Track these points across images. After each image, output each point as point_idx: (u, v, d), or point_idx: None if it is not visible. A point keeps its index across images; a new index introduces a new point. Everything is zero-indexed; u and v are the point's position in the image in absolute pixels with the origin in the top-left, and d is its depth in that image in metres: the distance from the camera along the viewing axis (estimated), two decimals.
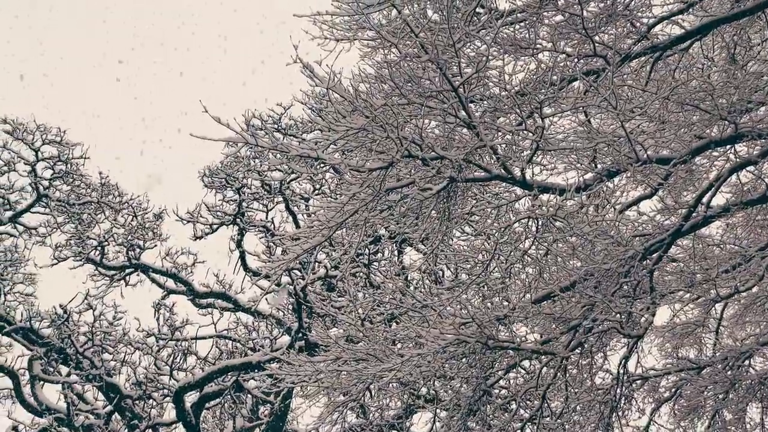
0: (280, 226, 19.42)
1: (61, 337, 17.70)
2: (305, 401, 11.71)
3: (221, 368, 17.13)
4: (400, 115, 8.55)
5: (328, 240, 9.59)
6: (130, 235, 19.11)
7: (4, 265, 18.82)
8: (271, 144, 8.94)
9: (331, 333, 13.44)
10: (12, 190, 18.24)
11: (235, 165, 19.06)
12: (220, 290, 19.11)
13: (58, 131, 18.30)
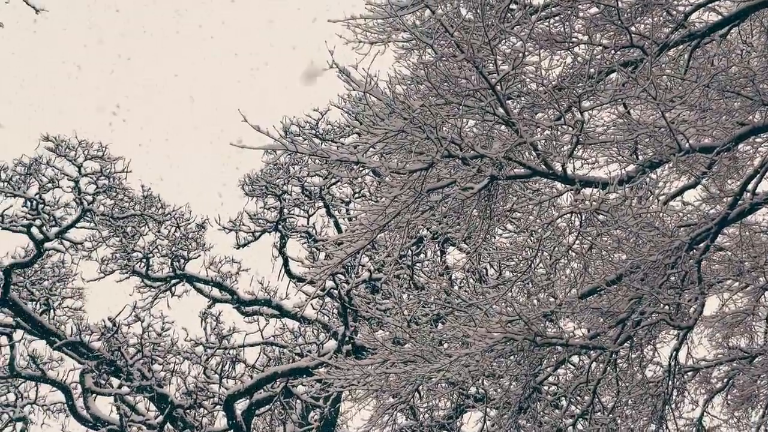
0: (322, 231, 19.49)
1: (111, 350, 17.91)
2: (354, 405, 11.73)
3: (270, 375, 17.22)
4: (438, 115, 8.54)
5: (371, 243, 9.61)
6: (174, 246, 19.28)
7: (53, 280, 19.07)
8: (311, 150, 8.98)
9: (378, 335, 13.46)
10: (57, 207, 18.48)
11: (275, 172, 19.16)
12: (264, 297, 19.22)
13: (100, 146, 18.53)
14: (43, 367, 18.82)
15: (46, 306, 18.84)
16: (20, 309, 18.19)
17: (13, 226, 17.90)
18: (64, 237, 18.53)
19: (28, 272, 18.78)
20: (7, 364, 18.74)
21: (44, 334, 18.40)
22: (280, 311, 19.19)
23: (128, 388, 17.86)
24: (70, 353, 18.35)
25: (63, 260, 19.19)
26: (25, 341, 18.97)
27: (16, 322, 18.50)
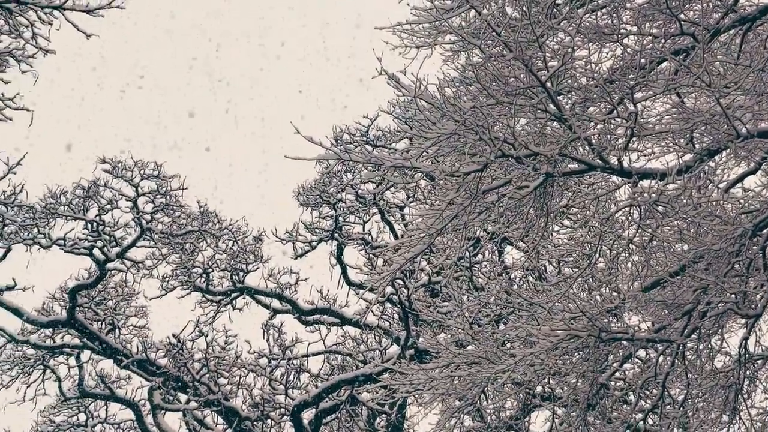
0: (378, 237, 19.52)
1: (177, 366, 18.13)
2: (421, 409, 11.72)
3: (334, 383, 17.30)
4: (490, 115, 8.52)
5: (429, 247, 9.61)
6: (233, 260, 19.46)
7: (117, 300, 19.37)
8: (365, 158, 9.02)
9: (440, 339, 13.44)
10: (117, 227, 18.74)
11: (329, 181, 19.24)
12: (324, 306, 19.31)
13: (155, 165, 18.76)
14: (111, 386, 19.12)
15: (111, 325, 19.14)
16: (87, 330, 18.51)
17: (75, 249, 18.20)
18: (125, 257, 18.79)
19: (93, 293, 19.09)
20: (77, 385, 19.07)
21: (111, 354, 18.70)
22: (341, 319, 19.26)
23: (196, 402, 18.05)
24: (137, 371, 18.63)
25: (125, 280, 19.48)
26: (93, 361, 19.33)
27: (84, 343, 18.83)
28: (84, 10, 12.57)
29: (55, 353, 19.13)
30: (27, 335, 18.92)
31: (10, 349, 18.92)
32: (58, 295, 19.18)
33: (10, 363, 18.85)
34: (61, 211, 18.19)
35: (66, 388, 19.27)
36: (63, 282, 19.13)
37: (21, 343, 18.84)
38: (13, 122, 13.06)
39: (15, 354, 18.96)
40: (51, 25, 12.98)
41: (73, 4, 12.44)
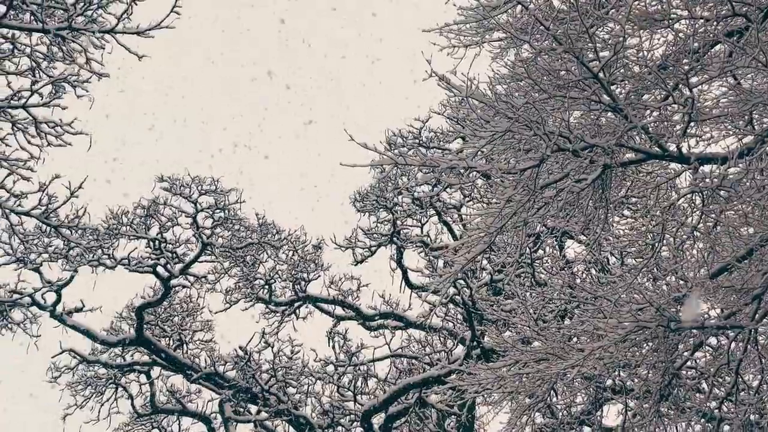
0: (437, 239, 19.50)
1: (246, 378, 18.31)
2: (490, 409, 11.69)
3: (402, 387, 17.32)
4: (543, 110, 8.47)
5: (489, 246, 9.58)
6: (294, 270, 19.59)
7: (182, 315, 19.62)
8: (420, 161, 9.02)
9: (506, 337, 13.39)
10: (178, 244, 18.98)
11: (384, 185, 19.27)
12: (387, 310, 19.34)
13: (212, 180, 18.96)
14: (182, 401, 19.38)
15: (178, 341, 19.40)
16: (155, 346, 18.77)
17: (139, 268, 18.47)
18: (188, 273, 19.02)
19: (159, 310, 19.37)
20: (149, 401, 19.35)
21: (180, 369, 18.94)
22: (405, 322, 19.27)
23: (266, 413, 18.21)
24: (206, 384, 18.85)
25: (190, 295, 19.73)
26: (163, 377, 19.61)
27: (153, 360, 19.11)
28: (134, 32, 12.75)
29: (126, 371, 19.44)
30: (98, 355, 19.26)
31: (83, 370, 19.27)
32: (126, 314, 19.49)
33: (83, 383, 19.20)
34: (124, 231, 18.47)
35: (138, 405, 19.57)
36: (129, 301, 19.45)
37: (92, 363, 19.18)
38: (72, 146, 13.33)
39: (87, 374, 19.30)
40: (103, 49, 13.20)
41: (124, 27, 12.63)
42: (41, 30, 12.56)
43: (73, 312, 18.26)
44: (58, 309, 18.00)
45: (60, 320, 18.09)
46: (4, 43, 12.92)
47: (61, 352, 18.75)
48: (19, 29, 12.74)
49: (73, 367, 19.06)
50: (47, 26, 12.45)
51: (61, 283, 17.82)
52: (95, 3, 12.61)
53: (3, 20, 12.23)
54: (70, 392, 19.11)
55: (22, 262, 17.02)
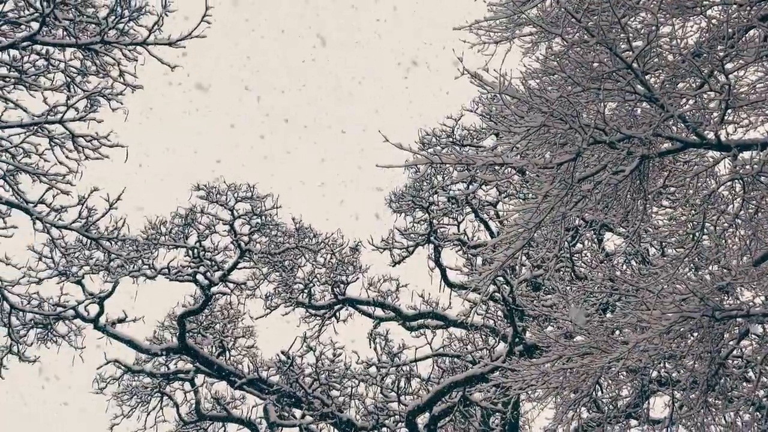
0: (474, 236, 19.45)
1: (289, 382, 18.37)
2: (535, 405, 11.64)
3: (446, 386, 17.29)
4: (578, 103, 8.43)
5: (528, 242, 9.55)
6: (332, 273, 19.62)
7: (224, 322, 19.73)
8: (455, 159, 9.01)
9: (548, 332, 13.32)
10: (217, 251, 19.08)
11: (418, 185, 19.26)
12: (427, 310, 19.32)
13: (248, 187, 19.05)
14: (227, 407, 19.48)
15: (221, 348, 19.51)
16: (198, 354, 18.90)
17: (180, 277, 18.60)
18: (227, 280, 19.12)
19: (200, 318, 19.49)
20: (194, 409, 19.48)
21: (223, 375, 19.05)
22: (445, 321, 19.24)
23: (311, 416, 18.27)
24: (250, 390, 18.94)
25: (230, 302, 19.83)
26: (207, 384, 19.73)
27: (196, 368, 19.23)
28: (166, 43, 12.85)
29: (171, 380, 19.58)
30: (142, 365, 19.42)
31: (128, 380, 19.44)
32: (168, 323, 19.64)
33: (129, 393, 19.37)
34: (163, 241, 18.61)
35: (184, 413, 19.70)
36: (171, 310, 19.60)
37: (137, 372, 19.34)
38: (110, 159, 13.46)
39: (132, 384, 19.47)
40: (136, 61, 13.32)
41: (155, 38, 12.73)
42: (74, 45, 12.70)
43: (116, 323, 18.44)
44: (101, 320, 18.18)
45: (103, 331, 18.27)
46: (38, 59, 13.09)
47: (106, 363, 18.94)
48: (52, 45, 12.89)
49: (118, 377, 19.25)
50: (80, 41, 12.59)
51: (103, 295, 17.99)
52: (126, 16, 12.72)
53: (36, 37, 12.38)
54: (117, 402, 19.30)
55: (64, 275, 17.20)
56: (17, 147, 12.91)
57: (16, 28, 13.01)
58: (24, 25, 12.92)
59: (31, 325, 17.54)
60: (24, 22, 12.89)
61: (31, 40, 12.39)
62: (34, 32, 12.28)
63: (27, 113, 12.91)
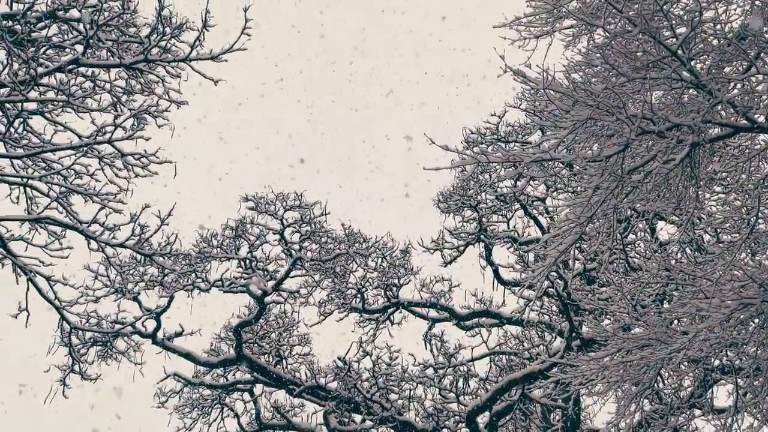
0: (524, 233, 19.37)
1: (347, 388, 18.42)
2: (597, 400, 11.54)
3: (504, 384, 17.22)
4: (623, 94, 8.36)
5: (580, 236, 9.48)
6: (384, 276, 19.64)
7: (279, 331, 19.83)
8: (503, 157, 8.97)
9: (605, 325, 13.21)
10: (269, 261, 19.20)
11: (466, 184, 19.22)
12: (481, 308, 19.26)
13: (296, 195, 19.15)
14: (287, 415, 19.58)
15: (278, 357, 19.62)
16: (255, 364, 19.02)
17: (233, 288, 18.75)
18: (281, 288, 19.23)
19: (256, 328, 19.62)
20: (254, 418, 19.62)
21: (282, 384, 19.15)
22: (500, 319, 19.18)
23: (371, 421, 18.29)
24: (309, 398, 19.02)
25: (284, 311, 19.93)
26: (266, 393, 19.86)
27: (254, 377, 19.36)
28: (208, 58, 12.96)
29: (230, 391, 19.74)
30: (201, 377, 19.60)
31: (188, 393, 19.63)
32: (224, 335, 19.80)
33: (190, 405, 19.55)
34: (215, 253, 18.78)
35: (245, 423, 19.85)
36: (226, 321, 19.76)
37: (197, 385, 19.52)
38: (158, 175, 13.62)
39: (193, 396, 19.65)
40: (180, 78, 13.47)
41: (198, 54, 12.85)
42: (119, 65, 12.86)
43: (174, 337, 18.63)
44: (159, 335, 18.38)
45: (162, 346, 18.48)
46: (85, 81, 13.28)
47: (166, 377, 19.15)
48: (97, 67, 13.06)
49: (178, 390, 19.44)
50: (124, 61, 12.74)
51: (159, 310, 18.20)
52: (168, 33, 12.86)
53: (81, 59, 12.56)
54: (178, 415, 19.49)
55: (120, 293, 17.44)
56: (68, 169, 13.09)
57: (61, 51, 13.22)
58: (69, 49, 13.13)
59: (91, 344, 17.83)
60: (68, 46, 13.10)
61: (76, 63, 12.56)
62: (78, 55, 12.45)
63: (76, 135, 13.10)
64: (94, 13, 12.43)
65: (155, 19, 12.78)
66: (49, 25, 12.79)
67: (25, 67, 12.07)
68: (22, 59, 12.03)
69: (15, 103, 12.37)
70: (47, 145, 13.05)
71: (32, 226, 13.10)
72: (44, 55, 12.82)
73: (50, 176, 12.97)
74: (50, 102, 12.79)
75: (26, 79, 11.93)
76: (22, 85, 11.83)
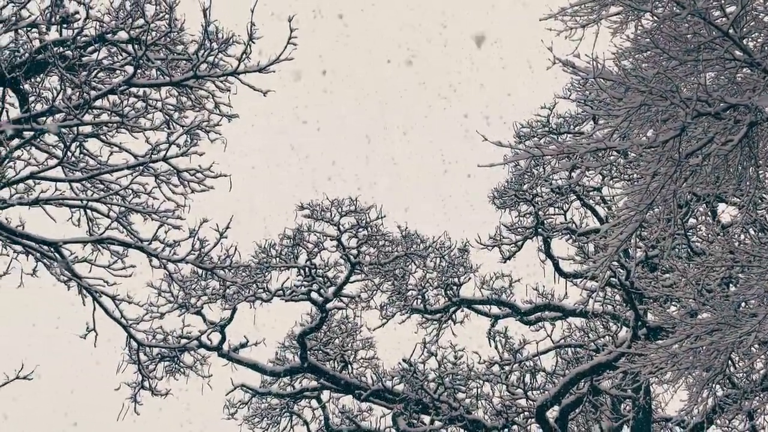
0: (582, 223, 19.21)
1: (414, 389, 18.43)
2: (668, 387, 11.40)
3: (572, 377, 17.08)
4: (676, 77, 8.25)
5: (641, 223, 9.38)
6: (444, 276, 19.62)
7: (342, 337, 19.91)
8: (557, 150, 8.91)
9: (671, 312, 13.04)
10: (328, 268, 19.28)
11: (520, 179, 19.11)
12: (543, 302, 19.15)
13: (351, 201, 19.20)
14: (355, 420, 19.65)
15: (343, 362, 19.69)
16: (321, 370, 19.13)
17: (294, 297, 18.87)
18: (341, 294, 19.29)
19: (319, 335, 19.72)
20: (324, 425, 19.71)
21: (348, 389, 19.22)
22: (563, 312, 19.04)
23: (440, 421, 18.28)
24: (376, 401, 19.06)
25: (346, 316, 20.01)
26: (334, 399, 19.94)
27: (321, 384, 19.46)
28: (256, 70, 13.07)
29: (298, 399, 19.87)
30: (268, 386, 19.75)
31: (256, 403, 19.79)
32: (288, 343, 19.92)
33: (259, 415, 19.71)
34: (274, 263, 18.91)
35: (314, 430, 19.95)
36: (290, 330, 19.90)
37: (264, 395, 19.67)
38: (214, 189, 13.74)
39: (261, 406, 19.81)
40: (229, 91, 13.59)
41: (245, 67, 12.95)
42: (169, 83, 13.02)
43: (239, 348, 18.81)
44: (224, 347, 18.56)
45: (227, 358, 18.66)
46: (137, 101, 13.46)
47: (234, 388, 19.34)
48: (148, 86, 13.24)
49: (247, 401, 19.61)
50: (174, 78, 12.90)
51: (223, 323, 18.38)
52: (215, 48, 12.97)
53: (132, 80, 12.73)
54: (248, 426, 19.66)
55: (184, 308, 17.65)
56: (126, 189, 13.28)
57: (112, 74, 13.42)
58: (119, 70, 13.33)
59: (159, 359, 18.06)
60: (118, 68, 13.30)
61: (127, 84, 12.74)
62: (129, 76, 12.63)
63: (131, 155, 13.29)
64: (142, 33, 12.59)
65: (202, 35, 12.91)
66: (98, 49, 12.98)
67: (79, 91, 12.27)
68: (74, 84, 12.24)
69: (71, 128, 12.58)
70: (104, 167, 13.26)
71: (95, 247, 13.31)
72: (96, 78, 13.03)
73: (109, 197, 13.18)
74: (105, 124, 12.99)
75: (80, 103, 12.13)
76: (76, 110, 12.03)
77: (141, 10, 12.65)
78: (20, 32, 12.62)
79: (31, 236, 12.82)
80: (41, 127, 12.31)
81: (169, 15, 12.92)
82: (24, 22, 12.37)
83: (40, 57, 12.52)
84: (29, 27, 12.52)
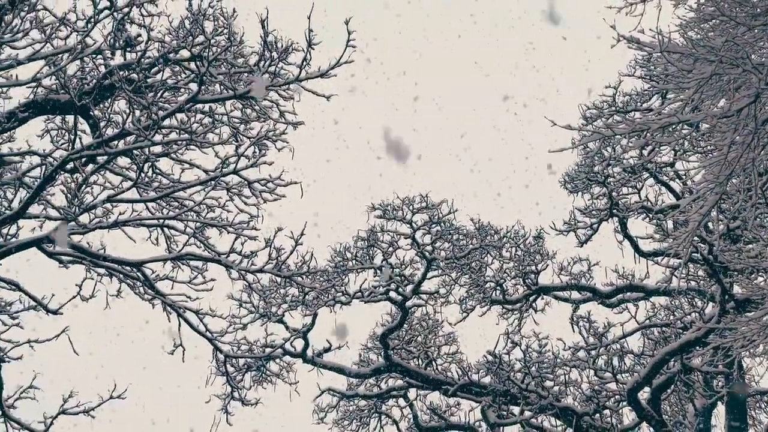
0: (658, 201, 18.90)
1: (501, 381, 18.34)
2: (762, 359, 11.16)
3: (661, 357, 16.80)
4: (746, 44, 8.07)
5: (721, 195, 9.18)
6: (521, 265, 19.49)
7: (424, 334, 19.91)
8: (628, 128, 8.77)
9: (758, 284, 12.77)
10: (404, 266, 19.29)
11: (590, 161, 18.87)
12: (624, 284, 18.90)
13: (422, 197, 19.17)
14: (444, 416, 19.63)
15: (427, 359, 19.69)
16: (406, 369, 19.15)
17: (373, 298, 18.92)
18: (420, 291, 19.29)
19: (401, 333, 19.73)
20: (413, 423, 19.73)
21: (435, 385, 19.21)
22: (645, 292, 18.75)
23: (529, 411, 18.16)
24: (464, 395, 19.02)
25: (427, 312, 19.99)
26: (421, 396, 19.95)
27: (407, 382, 19.49)
28: (317, 76, 13.14)
29: (385, 398, 19.92)
30: (354, 388, 19.85)
31: (344, 405, 19.91)
32: (371, 344, 19.99)
33: (348, 418, 19.83)
34: (350, 266, 18.98)
35: (404, 429, 20.00)
36: (371, 331, 19.96)
37: (351, 397, 19.78)
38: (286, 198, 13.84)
39: (350, 409, 19.92)
40: (293, 99, 13.68)
41: (307, 73, 13.02)
42: (233, 97, 13.15)
43: (323, 353, 18.94)
44: (308, 353, 18.70)
45: (312, 363, 18.81)
46: (203, 117, 13.64)
47: (321, 393, 19.50)
48: (213, 101, 13.39)
49: (335, 405, 19.73)
50: (238, 91, 13.01)
51: (305, 329, 18.52)
52: (276, 58, 13.07)
53: (198, 97, 12.88)
54: (338, 429, 19.79)
55: (266, 317, 17.83)
56: (200, 204, 13.45)
57: (177, 92, 13.61)
58: (183, 88, 13.51)
59: (246, 370, 18.26)
60: (183, 86, 13.48)
61: (193, 101, 12.90)
62: (194, 93, 12.78)
63: (202, 170, 13.45)
64: (203, 50, 12.73)
65: (261, 47, 13.01)
66: (162, 69, 13.17)
67: (147, 112, 12.47)
68: (142, 105, 12.44)
69: (142, 149, 12.79)
70: (177, 185, 13.46)
71: (174, 264, 13.51)
72: (162, 98, 13.23)
73: (184, 214, 13.37)
74: (174, 142, 13.17)
75: (149, 124, 12.33)
76: (146, 131, 12.22)
77: (200, 27, 12.80)
78: (86, 59, 12.87)
79: (113, 258, 13.07)
80: (113, 151, 12.55)
81: (227, 29, 13.06)
82: (89, 50, 12.60)
83: (106, 82, 12.76)
84: (94, 54, 12.76)
